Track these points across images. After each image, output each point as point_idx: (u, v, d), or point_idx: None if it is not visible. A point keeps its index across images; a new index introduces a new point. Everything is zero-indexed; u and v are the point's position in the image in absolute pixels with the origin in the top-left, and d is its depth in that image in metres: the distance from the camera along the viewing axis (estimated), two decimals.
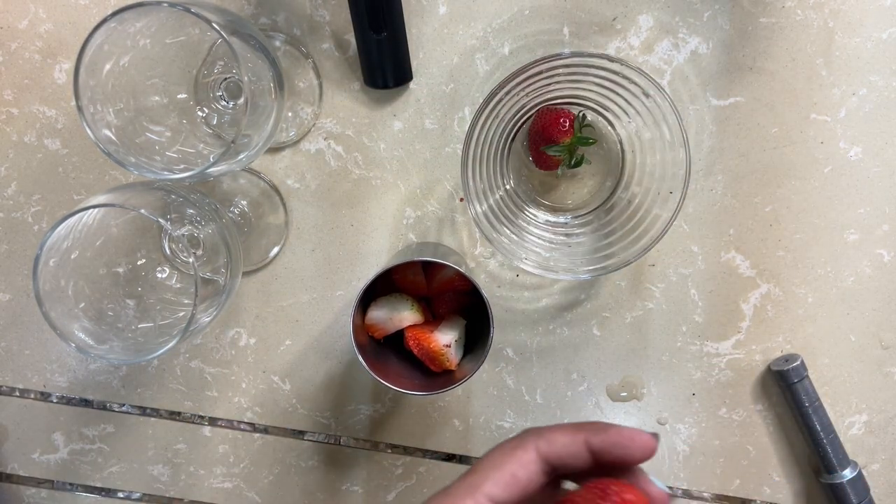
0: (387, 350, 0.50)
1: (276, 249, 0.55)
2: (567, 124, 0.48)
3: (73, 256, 0.44)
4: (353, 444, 0.58)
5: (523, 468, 0.30)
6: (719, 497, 0.57)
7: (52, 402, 0.58)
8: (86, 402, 0.58)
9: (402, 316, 0.48)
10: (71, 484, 0.60)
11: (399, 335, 0.50)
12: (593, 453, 0.30)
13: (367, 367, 0.45)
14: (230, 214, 0.54)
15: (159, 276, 0.51)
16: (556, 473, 0.31)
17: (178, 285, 0.51)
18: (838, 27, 0.51)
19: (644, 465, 0.55)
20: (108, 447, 0.59)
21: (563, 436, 0.30)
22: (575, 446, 0.30)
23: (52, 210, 0.55)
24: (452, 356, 0.48)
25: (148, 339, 0.46)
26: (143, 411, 0.58)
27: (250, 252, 0.55)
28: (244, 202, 0.54)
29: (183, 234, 0.48)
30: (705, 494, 0.57)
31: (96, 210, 0.43)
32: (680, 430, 0.56)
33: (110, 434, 0.59)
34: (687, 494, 0.57)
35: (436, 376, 0.49)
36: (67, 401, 0.58)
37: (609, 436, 0.30)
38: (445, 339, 0.48)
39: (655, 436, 0.30)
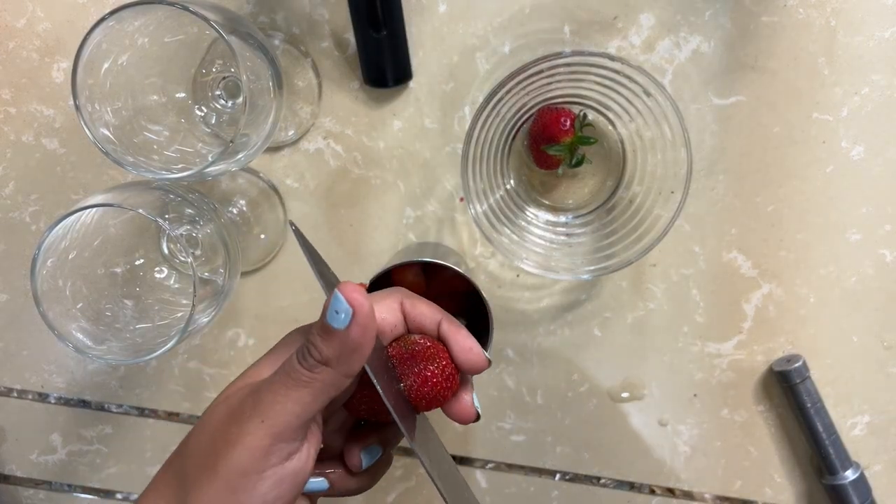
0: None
1: (275, 250, 0.54)
2: (568, 123, 0.48)
3: (70, 256, 0.44)
4: None
5: (391, 314, 0.35)
6: (721, 498, 0.57)
7: (50, 402, 0.58)
8: (84, 403, 0.58)
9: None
10: (69, 485, 0.59)
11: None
12: (438, 335, 0.35)
13: (367, 370, 0.45)
14: (229, 214, 0.54)
15: (157, 276, 0.51)
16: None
17: (177, 285, 0.51)
18: (840, 26, 0.50)
19: (648, 466, 0.55)
20: (107, 448, 0.58)
21: (426, 307, 0.35)
22: (429, 324, 0.35)
23: (50, 210, 0.55)
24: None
25: (146, 340, 0.46)
26: (142, 412, 0.58)
27: (249, 252, 0.55)
28: (243, 202, 0.54)
29: (181, 234, 0.48)
30: (707, 496, 0.57)
31: (94, 210, 0.43)
32: (681, 431, 0.56)
33: (108, 435, 0.58)
34: (688, 496, 0.57)
35: None
36: (66, 402, 0.58)
37: (455, 340, 0.35)
38: None
39: (489, 361, 0.35)
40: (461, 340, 0.35)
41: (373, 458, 0.36)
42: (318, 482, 0.35)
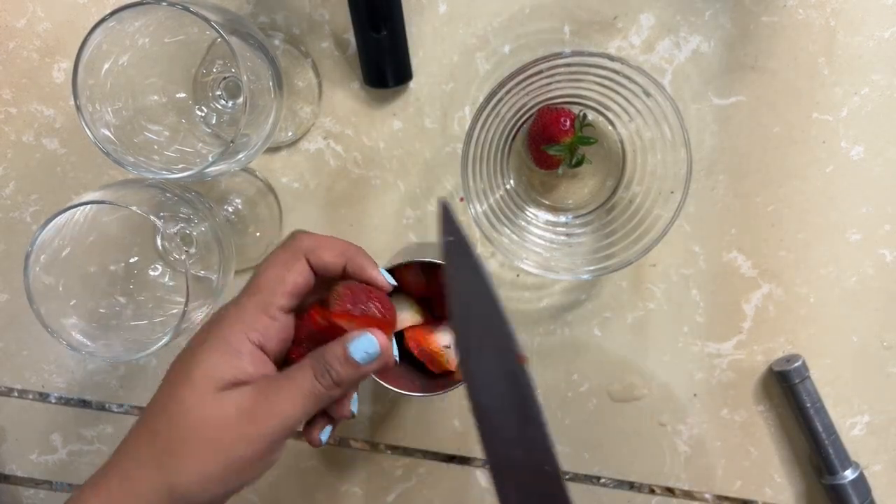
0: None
1: (270, 248, 0.54)
2: (568, 123, 0.48)
3: (64, 254, 0.44)
4: (352, 445, 0.58)
5: (301, 276, 0.37)
6: (721, 498, 0.57)
7: (50, 402, 0.58)
8: (84, 403, 0.58)
9: (402, 317, 0.48)
10: (69, 485, 0.59)
11: (398, 336, 0.49)
12: (346, 272, 0.38)
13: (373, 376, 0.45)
14: (224, 213, 0.54)
15: (152, 273, 0.51)
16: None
17: (171, 283, 0.51)
18: (840, 26, 0.50)
19: (648, 465, 0.55)
20: (107, 448, 0.59)
21: (329, 255, 0.37)
22: (336, 267, 0.37)
23: (50, 210, 0.55)
24: (452, 357, 0.48)
25: (140, 337, 0.46)
26: (142, 412, 0.58)
27: (246, 250, 0.55)
28: (239, 200, 0.54)
29: (175, 232, 0.48)
30: (707, 496, 0.57)
31: (88, 207, 0.43)
32: (681, 431, 0.56)
33: (109, 435, 0.58)
34: (688, 495, 0.57)
35: (436, 377, 0.49)
36: (66, 401, 0.58)
37: (361, 272, 0.38)
38: (445, 340, 0.48)
39: (393, 286, 0.39)
40: (367, 279, 0.38)
41: (329, 435, 0.39)
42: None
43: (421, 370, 0.49)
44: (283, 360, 0.39)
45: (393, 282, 0.39)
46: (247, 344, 0.35)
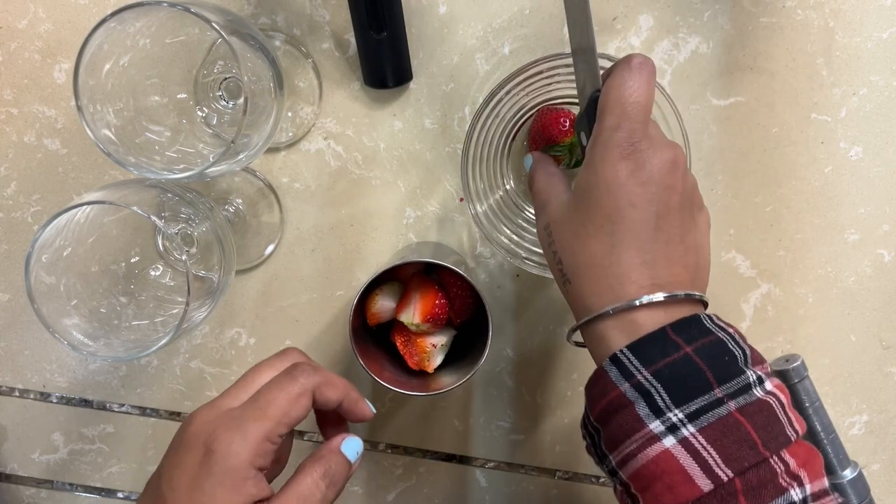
0: (380, 348, 0.50)
1: (270, 248, 0.54)
2: (567, 124, 0.48)
3: (65, 254, 0.44)
4: None
5: (305, 411, 0.38)
6: None
7: (51, 402, 0.58)
8: (85, 403, 0.58)
9: (389, 305, 0.49)
10: (70, 484, 0.60)
11: (387, 326, 0.50)
12: (342, 406, 0.41)
13: (370, 373, 0.45)
14: (225, 213, 0.54)
15: (153, 273, 0.51)
16: None
17: (172, 283, 0.51)
18: (839, 27, 0.51)
19: None
20: (108, 447, 0.59)
21: (334, 394, 0.39)
22: (336, 403, 0.40)
23: (51, 210, 0.55)
24: (434, 359, 0.49)
25: (141, 337, 0.46)
26: (143, 411, 0.58)
27: (247, 250, 0.55)
28: (239, 200, 0.54)
29: (176, 232, 0.48)
30: None
31: (89, 207, 0.43)
32: None
33: (110, 434, 0.58)
34: None
35: (412, 375, 0.49)
36: (67, 401, 0.58)
37: (354, 406, 0.41)
38: (433, 340, 0.49)
39: (374, 413, 0.42)
40: (356, 417, 0.42)
41: (357, 452, 0.41)
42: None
43: (400, 366, 0.50)
44: None
45: (373, 410, 0.43)
46: (252, 471, 0.36)
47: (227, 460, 0.35)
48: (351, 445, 0.40)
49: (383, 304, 0.49)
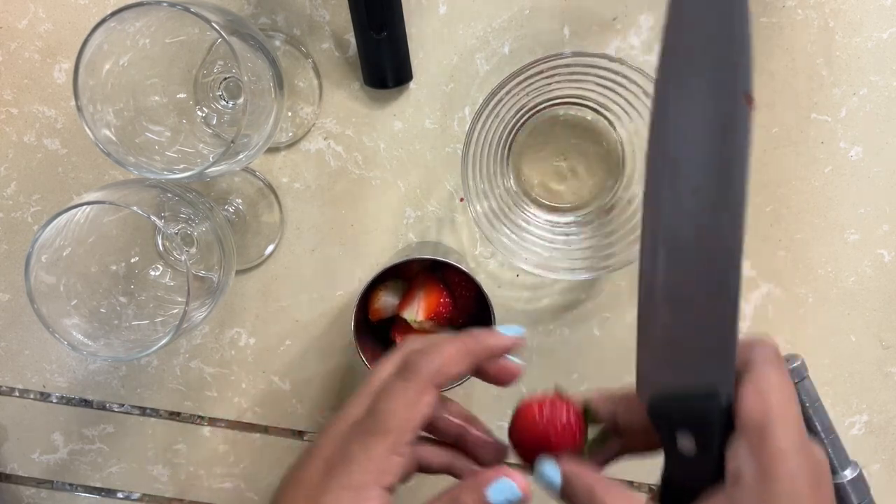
0: (379, 345, 0.50)
1: (270, 247, 0.54)
2: (570, 415, 0.36)
3: (65, 254, 0.44)
4: None
5: (430, 408, 0.33)
6: None
7: (51, 402, 0.58)
8: (85, 403, 0.58)
9: (392, 302, 0.49)
10: (70, 484, 0.60)
11: (387, 322, 0.50)
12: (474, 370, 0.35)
13: (371, 369, 0.45)
14: (225, 213, 0.54)
15: (153, 273, 0.51)
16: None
17: (172, 283, 0.51)
18: (839, 27, 0.51)
19: (647, 464, 0.55)
20: (108, 447, 0.59)
21: (457, 368, 0.34)
22: (466, 372, 0.34)
23: (51, 210, 0.55)
24: None
25: (141, 337, 0.46)
26: (143, 411, 0.58)
27: (247, 250, 0.55)
28: (239, 200, 0.54)
29: (176, 232, 0.48)
30: None
31: (89, 207, 0.43)
32: None
33: (110, 434, 0.58)
34: None
35: None
36: (67, 401, 0.58)
37: (491, 353, 0.35)
38: None
39: (520, 366, 0.36)
40: (499, 375, 0.36)
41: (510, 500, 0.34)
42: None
43: None
44: None
45: (520, 364, 0.35)
46: (376, 490, 0.33)
47: (351, 478, 0.32)
48: (501, 490, 0.32)
49: (386, 301, 0.49)
